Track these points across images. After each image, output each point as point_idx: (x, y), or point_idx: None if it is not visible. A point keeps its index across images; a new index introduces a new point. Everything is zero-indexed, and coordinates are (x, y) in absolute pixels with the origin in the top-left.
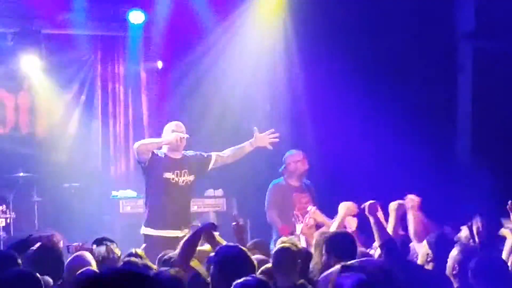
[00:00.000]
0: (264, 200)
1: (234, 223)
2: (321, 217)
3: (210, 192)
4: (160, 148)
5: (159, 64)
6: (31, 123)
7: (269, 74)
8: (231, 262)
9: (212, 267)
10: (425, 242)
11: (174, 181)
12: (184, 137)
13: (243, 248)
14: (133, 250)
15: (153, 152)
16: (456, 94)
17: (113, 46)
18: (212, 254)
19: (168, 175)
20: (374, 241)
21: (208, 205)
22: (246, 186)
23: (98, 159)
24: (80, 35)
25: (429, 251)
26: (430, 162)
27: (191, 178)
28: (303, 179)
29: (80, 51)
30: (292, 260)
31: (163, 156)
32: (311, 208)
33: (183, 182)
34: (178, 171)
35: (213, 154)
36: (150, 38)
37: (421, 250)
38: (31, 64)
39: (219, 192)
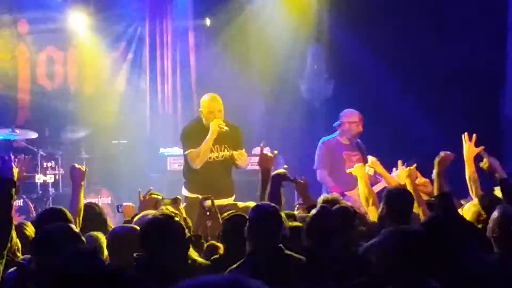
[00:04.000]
0: (311, 158)
1: (295, 181)
2: (380, 168)
3: (257, 150)
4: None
5: (207, 22)
6: (79, 80)
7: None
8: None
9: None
10: (476, 201)
11: (211, 159)
12: (223, 126)
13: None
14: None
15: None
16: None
17: (161, 3)
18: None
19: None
20: None
21: (254, 163)
22: (293, 144)
23: (146, 117)
24: None
25: (482, 212)
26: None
27: (231, 153)
28: (355, 139)
29: (128, 8)
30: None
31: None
32: (371, 158)
33: (222, 157)
34: (218, 146)
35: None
36: None
37: (472, 208)
38: (79, 21)
39: (267, 150)
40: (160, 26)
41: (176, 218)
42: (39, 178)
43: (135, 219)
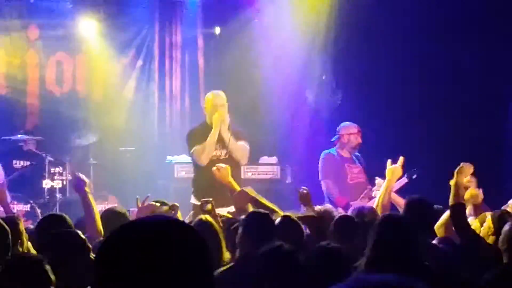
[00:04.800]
0: (315, 168)
1: (299, 191)
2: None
3: (264, 159)
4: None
5: (217, 30)
6: (88, 86)
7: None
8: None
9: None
10: (489, 215)
11: (215, 157)
12: (223, 116)
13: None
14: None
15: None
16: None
17: (171, 11)
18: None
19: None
20: None
21: (262, 172)
22: (300, 154)
23: (154, 124)
24: None
25: (491, 225)
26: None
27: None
28: (355, 152)
29: (138, 15)
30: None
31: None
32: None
33: (226, 155)
34: (221, 144)
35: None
36: (208, 3)
37: (484, 224)
38: (89, 27)
39: (273, 159)
40: (169, 33)
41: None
42: (46, 184)
43: None
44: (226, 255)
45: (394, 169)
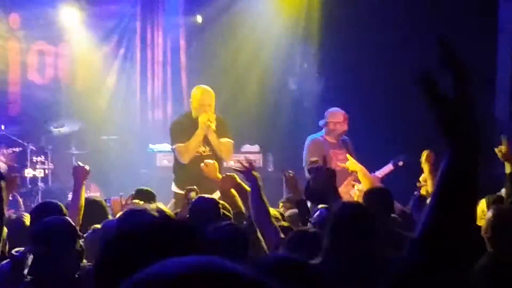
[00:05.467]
0: (300, 156)
1: (284, 175)
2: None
3: (246, 147)
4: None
5: (199, 19)
6: (70, 75)
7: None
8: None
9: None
10: (483, 200)
11: (199, 153)
12: (211, 117)
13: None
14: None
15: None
16: (496, 54)
17: None
18: None
19: None
20: None
21: (243, 160)
22: (282, 141)
23: (136, 113)
24: None
25: (485, 209)
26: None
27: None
28: (341, 138)
29: (120, 3)
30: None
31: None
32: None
33: (209, 151)
34: (205, 141)
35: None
36: None
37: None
38: (71, 16)
39: (256, 147)
40: (151, 21)
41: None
42: (28, 173)
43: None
44: None
45: (351, 163)
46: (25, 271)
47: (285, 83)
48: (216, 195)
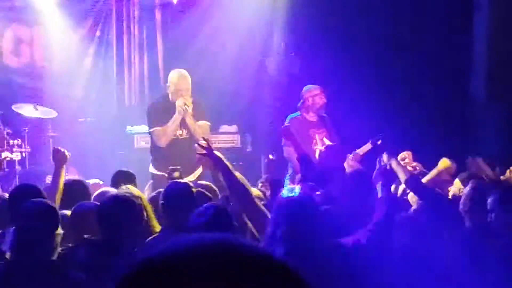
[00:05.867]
0: (275, 134)
1: (266, 160)
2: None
3: (224, 128)
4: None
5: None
6: (47, 57)
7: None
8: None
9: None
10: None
11: (175, 136)
12: (188, 101)
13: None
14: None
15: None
16: (472, 34)
17: None
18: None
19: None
20: None
21: (222, 141)
22: (260, 122)
23: (113, 94)
24: None
25: (461, 187)
26: (445, 104)
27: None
28: (321, 113)
29: None
30: None
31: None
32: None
33: (187, 134)
34: (183, 123)
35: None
36: None
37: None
38: None
39: (233, 128)
40: (127, 3)
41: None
42: (5, 156)
43: (94, 195)
44: (157, 229)
45: None
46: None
47: (261, 63)
48: (195, 176)
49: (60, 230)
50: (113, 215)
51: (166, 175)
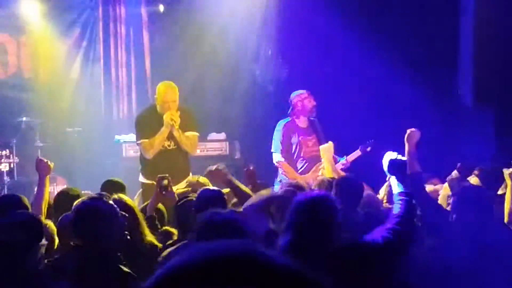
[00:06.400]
0: (266, 142)
1: (245, 169)
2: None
3: (212, 135)
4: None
5: (161, 8)
6: (33, 68)
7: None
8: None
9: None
10: (446, 184)
11: (163, 147)
12: (175, 116)
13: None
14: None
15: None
16: (458, 36)
17: None
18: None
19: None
20: None
21: (210, 148)
22: (248, 129)
23: (101, 104)
24: None
25: (450, 193)
26: (432, 106)
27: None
28: (312, 116)
29: None
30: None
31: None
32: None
33: (174, 145)
34: (169, 135)
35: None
36: None
37: (442, 192)
38: (32, 8)
39: (222, 135)
40: (113, 12)
41: (105, 199)
42: None
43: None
44: (149, 237)
45: (323, 148)
46: None
47: (249, 70)
48: (182, 185)
49: (44, 241)
50: (85, 222)
51: (155, 183)
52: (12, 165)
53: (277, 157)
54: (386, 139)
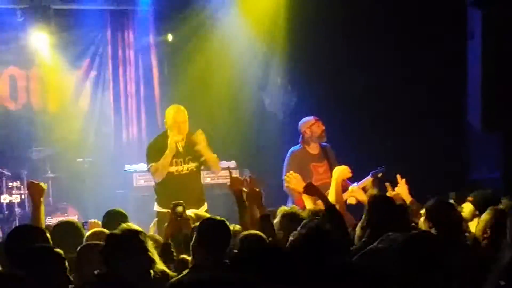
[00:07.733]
0: (276, 170)
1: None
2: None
3: (223, 163)
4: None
5: (169, 37)
6: (43, 99)
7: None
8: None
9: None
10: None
11: (177, 172)
12: (179, 143)
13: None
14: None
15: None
16: (466, 60)
17: (123, 20)
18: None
19: (171, 168)
20: None
21: (221, 176)
22: (258, 157)
23: (111, 133)
24: (89, 10)
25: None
26: (440, 130)
27: (195, 164)
28: (322, 142)
29: (90, 26)
30: None
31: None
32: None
33: (187, 169)
34: (182, 159)
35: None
36: (160, 11)
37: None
38: (41, 40)
39: (232, 163)
40: (122, 42)
41: (138, 234)
42: (5, 199)
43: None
44: (159, 265)
45: (338, 168)
46: None
47: (258, 98)
48: (203, 209)
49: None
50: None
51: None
52: (23, 196)
53: (286, 185)
54: (395, 166)
